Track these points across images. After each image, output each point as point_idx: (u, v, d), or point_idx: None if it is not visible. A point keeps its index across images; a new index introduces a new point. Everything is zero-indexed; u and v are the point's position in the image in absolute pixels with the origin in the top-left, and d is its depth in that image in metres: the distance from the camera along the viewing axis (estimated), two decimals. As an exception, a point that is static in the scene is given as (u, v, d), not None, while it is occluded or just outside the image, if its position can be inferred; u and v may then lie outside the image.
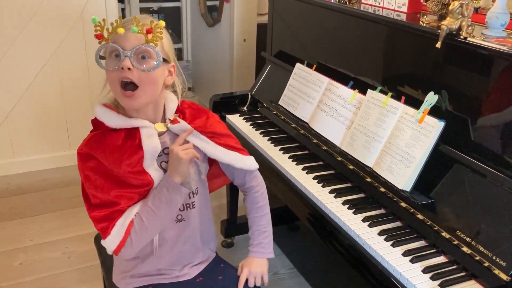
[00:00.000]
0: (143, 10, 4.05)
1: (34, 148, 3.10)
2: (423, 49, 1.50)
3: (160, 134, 1.27)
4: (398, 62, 1.64)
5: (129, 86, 1.17)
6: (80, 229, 2.55)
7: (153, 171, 1.24)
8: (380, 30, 1.67)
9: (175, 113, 1.32)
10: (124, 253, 1.23)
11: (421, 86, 1.51)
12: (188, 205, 1.33)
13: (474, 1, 1.63)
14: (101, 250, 1.68)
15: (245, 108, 2.29)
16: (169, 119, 1.29)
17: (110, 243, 1.21)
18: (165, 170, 1.26)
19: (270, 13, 2.34)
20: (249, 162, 1.40)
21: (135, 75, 1.16)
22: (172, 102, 1.33)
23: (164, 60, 1.20)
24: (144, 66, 1.16)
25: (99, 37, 1.16)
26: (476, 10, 1.61)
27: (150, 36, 1.15)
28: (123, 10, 3.94)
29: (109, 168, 1.21)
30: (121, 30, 1.13)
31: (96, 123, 1.27)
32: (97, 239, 1.74)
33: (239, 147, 1.40)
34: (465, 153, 1.35)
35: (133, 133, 1.24)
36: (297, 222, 2.38)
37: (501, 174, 1.26)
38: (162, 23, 1.18)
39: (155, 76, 1.20)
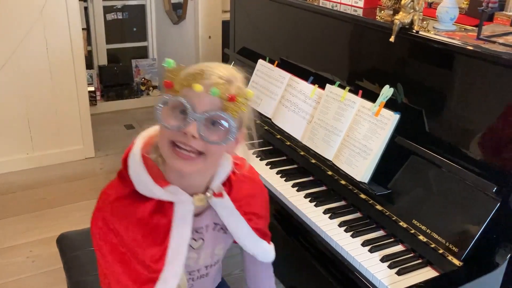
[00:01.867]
0: (106, 9, 3.99)
1: (-5, 150, 3.02)
2: (379, 43, 1.53)
3: (197, 210, 1.07)
4: (356, 57, 1.67)
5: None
6: (43, 232, 2.51)
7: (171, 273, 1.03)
8: (337, 25, 1.71)
9: (223, 184, 1.10)
10: None
11: (377, 80, 1.54)
12: (202, 275, 1.17)
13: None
14: (64, 252, 1.66)
15: (209, 105, 2.29)
16: (213, 191, 1.06)
17: None
18: (191, 248, 1.08)
19: (232, 9, 2.35)
20: (270, 255, 1.23)
21: (199, 145, 0.95)
22: (224, 170, 1.09)
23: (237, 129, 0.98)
24: (214, 138, 0.94)
25: (169, 85, 0.95)
26: (430, 4, 1.66)
27: (231, 104, 0.93)
28: (86, 8, 3.87)
29: (119, 247, 1.01)
30: (198, 88, 0.91)
31: (123, 173, 1.03)
32: (59, 241, 1.72)
33: (267, 232, 1.23)
34: (420, 144, 1.39)
35: (165, 207, 1.02)
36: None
37: (454, 164, 1.30)
38: (251, 94, 0.98)
39: (222, 149, 1.00)
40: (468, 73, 1.29)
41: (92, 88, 3.84)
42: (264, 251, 1.21)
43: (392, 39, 1.39)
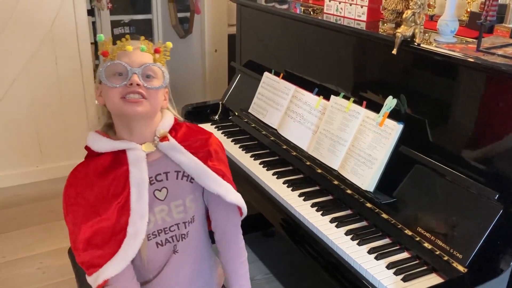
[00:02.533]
0: (114, 23, 4.06)
1: (6, 163, 3.06)
2: (382, 55, 1.57)
3: (151, 158, 1.20)
4: (359, 69, 1.71)
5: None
6: (54, 243, 2.54)
7: (137, 215, 1.16)
8: (341, 38, 1.75)
9: (169, 131, 1.24)
10: None
11: (381, 91, 1.58)
12: (182, 236, 1.24)
13: (429, 10, 1.71)
14: (75, 263, 1.69)
15: (216, 117, 2.34)
16: (157, 137, 1.21)
17: (89, 282, 1.21)
18: (158, 199, 1.20)
19: (238, 23, 2.40)
20: (237, 197, 1.26)
21: (143, 90, 1.13)
22: (167, 120, 1.25)
23: None
24: (153, 84, 1.15)
25: (105, 54, 1.14)
26: (431, 17, 1.70)
27: (158, 55, 1.16)
28: (93, 23, 3.94)
29: (90, 201, 1.15)
30: (129, 48, 1.13)
31: (87, 150, 1.21)
32: (71, 252, 1.75)
33: (228, 177, 1.27)
34: (423, 153, 1.42)
35: (120, 158, 1.18)
36: (272, 228, 2.42)
37: (457, 173, 1.33)
38: (170, 44, 1.19)
39: (159, 95, 1.18)
40: (468, 84, 1.33)
41: (99, 101, 3.89)
42: (228, 191, 1.24)
43: (394, 51, 1.43)
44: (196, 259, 1.30)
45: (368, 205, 1.52)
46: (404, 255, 1.37)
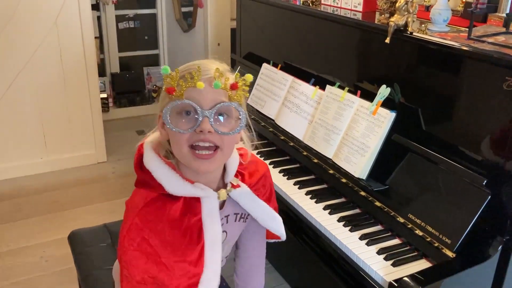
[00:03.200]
0: (118, 18, 4.10)
1: (11, 155, 3.11)
2: (376, 45, 1.59)
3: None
4: (354, 58, 1.72)
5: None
6: (57, 233, 2.58)
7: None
8: (337, 28, 1.77)
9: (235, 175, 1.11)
10: None
11: (375, 80, 1.60)
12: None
13: (425, 1, 1.72)
14: (75, 248, 1.73)
15: (216, 108, 2.36)
16: (231, 183, 1.08)
17: None
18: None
19: (238, 16, 2.42)
20: (283, 231, 1.23)
21: (216, 139, 0.97)
22: (234, 162, 1.11)
23: None
24: (226, 129, 0.97)
25: (171, 91, 0.95)
26: (427, 8, 1.71)
27: (234, 92, 0.96)
28: (98, 17, 3.98)
29: (158, 252, 0.99)
30: (200, 85, 0.93)
31: (145, 179, 1.02)
32: (71, 238, 1.79)
33: (276, 207, 1.25)
34: (416, 141, 1.43)
35: (193, 205, 1.03)
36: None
37: (447, 160, 1.34)
38: (250, 77, 0.99)
39: (234, 141, 1.03)
40: (458, 71, 1.35)
41: (104, 95, 3.94)
42: (281, 224, 1.22)
43: (387, 40, 1.44)
44: None
45: (362, 193, 1.54)
46: (396, 241, 1.39)
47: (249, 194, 1.11)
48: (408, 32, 1.42)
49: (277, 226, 1.20)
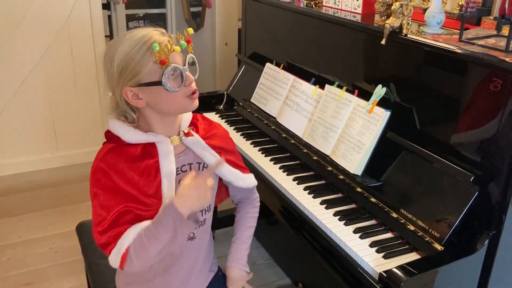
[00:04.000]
0: (129, 17, 4.18)
1: (23, 150, 3.21)
2: (373, 46, 1.64)
3: (176, 151, 1.26)
4: (353, 59, 1.78)
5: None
6: (66, 226, 2.66)
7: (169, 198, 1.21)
8: (337, 30, 1.82)
9: (189, 126, 1.31)
10: (128, 269, 1.18)
11: (372, 80, 1.65)
12: (200, 222, 1.32)
13: (424, 3, 1.77)
14: (82, 238, 1.81)
15: (221, 106, 2.43)
16: (183, 132, 1.28)
17: (112, 263, 1.18)
18: None
19: (243, 17, 2.48)
20: (249, 181, 1.40)
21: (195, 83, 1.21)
22: (188, 115, 1.32)
23: None
24: (194, 75, 1.22)
25: (164, 62, 1.13)
26: (425, 11, 1.75)
27: (190, 45, 1.19)
28: (109, 16, 4.06)
29: (121, 186, 1.18)
30: (177, 49, 1.15)
31: (110, 136, 1.23)
32: (79, 229, 1.86)
33: (241, 164, 1.40)
34: (409, 140, 1.49)
35: (150, 150, 1.22)
36: (275, 216, 2.50)
37: (438, 157, 1.40)
38: (191, 31, 1.20)
39: None
40: (448, 72, 1.40)
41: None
42: (239, 178, 1.37)
43: (383, 41, 1.49)
44: (209, 243, 1.40)
45: (358, 189, 1.59)
46: (388, 235, 1.44)
47: (200, 143, 1.29)
48: (403, 34, 1.48)
49: (229, 174, 1.34)
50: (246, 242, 1.46)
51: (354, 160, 1.56)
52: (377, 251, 1.36)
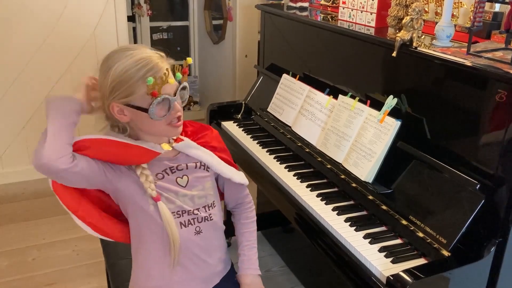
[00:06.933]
0: (153, 29, 4.31)
1: (49, 156, 3.32)
2: (385, 58, 1.70)
3: (171, 155, 1.35)
4: (365, 70, 1.83)
5: None
6: (88, 229, 2.76)
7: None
8: (350, 42, 1.89)
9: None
10: (45, 155, 1.21)
11: (384, 91, 1.71)
12: (205, 218, 1.37)
13: (436, 17, 1.82)
14: (105, 248, 1.88)
15: (239, 115, 2.50)
16: (172, 139, 1.36)
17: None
18: (181, 186, 1.34)
19: (262, 29, 2.56)
20: (242, 176, 1.46)
21: (181, 112, 1.30)
22: None
23: None
24: (182, 103, 1.31)
25: (155, 94, 1.21)
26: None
27: (185, 76, 1.29)
28: (134, 28, 4.20)
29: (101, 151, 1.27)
30: (172, 81, 1.24)
31: None
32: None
33: (232, 162, 1.48)
34: (419, 149, 1.53)
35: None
36: (290, 225, 2.55)
37: (448, 166, 1.44)
38: (190, 60, 1.32)
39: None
40: (456, 84, 1.45)
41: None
42: (234, 173, 1.44)
43: (394, 54, 1.55)
44: (219, 239, 1.44)
45: (370, 197, 1.63)
46: (397, 241, 1.48)
47: (192, 144, 1.37)
48: (413, 47, 1.53)
49: (227, 170, 1.41)
50: (254, 246, 1.50)
51: (365, 168, 1.61)
52: (386, 256, 1.40)
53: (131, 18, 4.03)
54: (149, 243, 1.34)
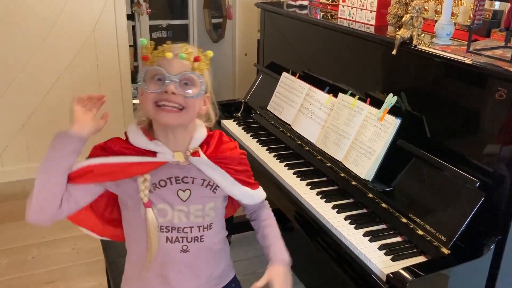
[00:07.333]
0: (152, 27, 4.31)
1: (48, 154, 3.32)
2: (384, 56, 1.70)
3: (182, 162, 1.26)
4: (365, 69, 1.84)
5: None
6: (88, 227, 2.76)
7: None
8: (349, 40, 1.89)
9: (200, 144, 1.28)
10: (30, 216, 1.22)
11: (384, 89, 1.71)
12: (196, 238, 1.28)
13: (436, 15, 1.82)
14: (105, 246, 1.88)
15: (239, 114, 2.50)
16: (189, 151, 1.25)
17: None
18: (180, 199, 1.26)
19: (262, 28, 2.56)
20: (257, 196, 1.40)
21: (180, 99, 1.16)
22: (200, 133, 1.29)
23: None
24: (189, 93, 1.17)
25: (145, 58, 1.16)
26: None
27: (197, 64, 1.17)
28: (133, 27, 4.20)
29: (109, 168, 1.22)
30: (169, 55, 1.14)
31: (126, 137, 1.28)
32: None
33: (251, 181, 1.38)
34: (419, 147, 1.53)
35: (150, 155, 1.23)
36: (290, 223, 2.54)
37: (447, 164, 1.44)
38: (210, 53, 1.22)
39: (196, 103, 1.20)
40: (456, 82, 1.45)
41: (137, 101, 4.12)
42: (248, 195, 1.37)
43: (394, 52, 1.55)
44: (209, 261, 1.34)
45: (370, 195, 1.64)
46: (397, 239, 1.48)
47: (208, 163, 1.27)
48: (413, 45, 1.53)
49: (239, 193, 1.34)
50: (281, 238, 1.44)
51: (365, 166, 1.61)
52: (386, 254, 1.41)
53: (130, 17, 4.02)
54: (134, 244, 1.31)
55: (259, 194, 1.41)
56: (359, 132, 1.69)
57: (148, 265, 1.27)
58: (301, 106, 2.04)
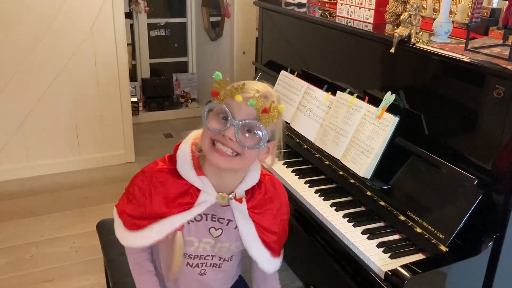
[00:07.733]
0: (150, 26, 4.30)
1: (47, 153, 3.32)
2: (383, 54, 1.70)
3: (224, 202, 1.22)
4: (364, 67, 1.84)
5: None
6: (86, 226, 2.75)
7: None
8: (347, 38, 1.89)
9: (249, 189, 1.24)
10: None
11: (382, 87, 1.71)
12: (215, 265, 1.31)
13: (434, 14, 1.82)
14: (102, 235, 1.89)
15: (237, 113, 2.50)
16: (234, 195, 1.21)
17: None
18: (211, 235, 1.25)
19: (260, 26, 2.56)
20: (273, 266, 1.34)
21: (235, 146, 1.11)
22: (253, 178, 1.25)
23: (268, 141, 1.13)
24: (246, 143, 1.10)
25: (215, 94, 1.11)
26: (435, 20, 1.80)
27: (265, 115, 1.09)
28: (131, 25, 4.19)
29: (147, 204, 1.21)
30: (238, 98, 1.08)
31: (174, 157, 1.22)
32: (99, 226, 1.95)
33: (276, 247, 1.33)
34: (417, 144, 1.53)
35: (194, 192, 1.20)
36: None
37: (446, 162, 1.44)
38: (282, 108, 1.12)
39: (253, 154, 1.15)
40: (454, 80, 1.45)
41: (135, 99, 4.14)
42: (265, 260, 1.30)
43: (392, 50, 1.55)
44: (223, 280, 1.37)
45: (368, 193, 1.64)
46: (395, 237, 1.49)
47: (243, 211, 1.23)
48: (411, 43, 1.53)
49: (256, 253, 1.28)
50: None
51: (363, 164, 1.61)
52: (384, 252, 1.41)
53: (128, 15, 4.01)
54: (160, 255, 1.34)
55: (275, 265, 1.35)
56: (357, 130, 1.70)
57: (168, 277, 1.32)
58: (300, 104, 2.04)
